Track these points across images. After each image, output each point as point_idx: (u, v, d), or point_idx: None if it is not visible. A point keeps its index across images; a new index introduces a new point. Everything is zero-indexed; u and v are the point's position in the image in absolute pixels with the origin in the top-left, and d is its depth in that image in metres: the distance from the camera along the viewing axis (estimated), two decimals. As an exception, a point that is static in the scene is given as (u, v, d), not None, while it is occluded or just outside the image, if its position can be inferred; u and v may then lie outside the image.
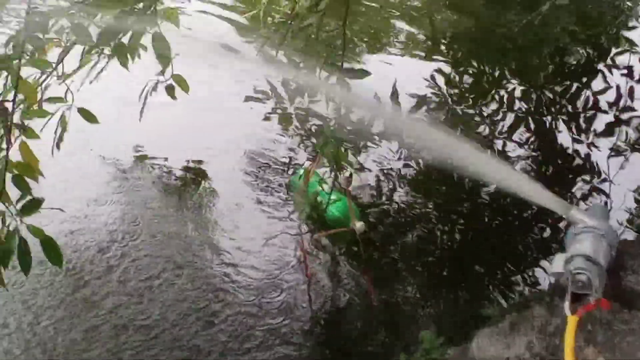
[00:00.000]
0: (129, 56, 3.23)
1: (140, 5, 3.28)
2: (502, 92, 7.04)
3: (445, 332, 3.90)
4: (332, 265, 4.97)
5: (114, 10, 3.08)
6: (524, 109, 6.71)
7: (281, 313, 4.57)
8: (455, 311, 4.56)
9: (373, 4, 8.71)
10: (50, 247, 2.60)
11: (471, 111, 6.80)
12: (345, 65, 3.52)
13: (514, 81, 7.15)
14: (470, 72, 7.58)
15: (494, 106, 6.85)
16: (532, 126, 6.43)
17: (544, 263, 4.60)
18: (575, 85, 6.94)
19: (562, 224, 4.94)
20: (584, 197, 5.38)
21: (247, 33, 8.13)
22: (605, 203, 4.56)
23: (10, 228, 2.62)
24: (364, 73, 3.43)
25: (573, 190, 5.52)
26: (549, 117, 6.54)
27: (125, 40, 3.15)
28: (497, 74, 7.45)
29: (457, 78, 7.40)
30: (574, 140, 6.16)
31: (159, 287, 4.80)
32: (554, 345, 2.98)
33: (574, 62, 7.20)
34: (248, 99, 6.97)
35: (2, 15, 2.75)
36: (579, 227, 3.04)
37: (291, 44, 3.85)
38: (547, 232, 5.14)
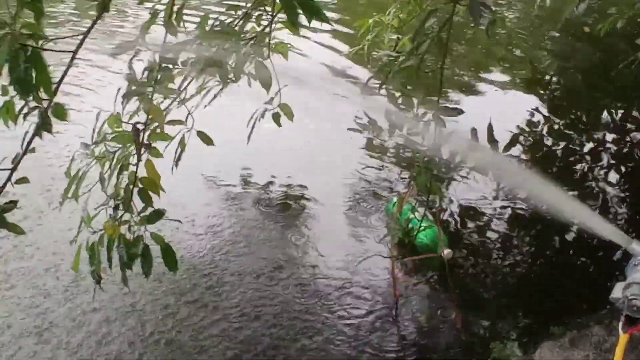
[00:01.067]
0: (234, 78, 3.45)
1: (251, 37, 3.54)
2: (597, 134, 7.00)
3: (513, 345, 4.05)
4: (419, 288, 5.09)
5: (227, 42, 3.33)
6: (614, 151, 6.66)
7: (369, 328, 4.73)
8: (523, 327, 4.65)
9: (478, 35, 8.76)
10: (168, 253, 2.81)
11: (563, 150, 6.82)
12: (445, 100, 3.65)
13: (609, 123, 7.10)
14: (567, 111, 7.54)
15: (586, 146, 6.82)
16: (624, 168, 6.37)
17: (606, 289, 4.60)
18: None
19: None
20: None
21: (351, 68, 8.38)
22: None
23: (134, 235, 2.83)
24: (458, 112, 3.56)
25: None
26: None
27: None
28: (593, 114, 7.38)
29: (553, 117, 7.38)
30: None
31: (257, 298, 5.05)
32: (608, 360, 3.10)
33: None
34: (349, 129, 7.19)
35: (140, 49, 2.99)
36: (639, 259, 3.19)
37: (393, 80, 4.01)
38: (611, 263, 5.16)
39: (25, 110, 2.44)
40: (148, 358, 4.51)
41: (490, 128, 6.68)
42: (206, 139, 3.38)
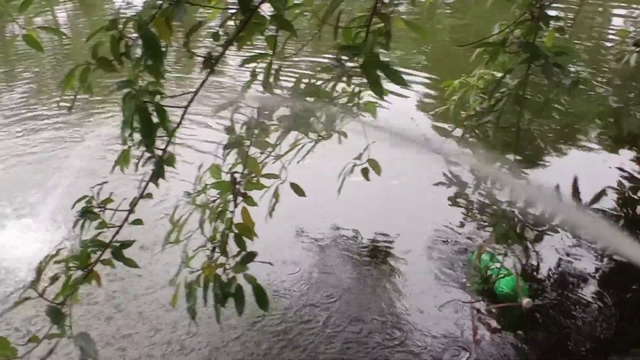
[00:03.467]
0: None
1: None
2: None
3: None
4: (498, 334, 5.09)
5: (321, 102, 3.51)
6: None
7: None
8: (583, 353, 4.81)
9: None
10: (260, 293, 2.88)
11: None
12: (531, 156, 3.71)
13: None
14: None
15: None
16: None
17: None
18: None
19: None
20: None
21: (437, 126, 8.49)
22: None
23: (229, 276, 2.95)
24: (533, 164, 3.63)
25: None
26: None
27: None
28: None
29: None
30: None
31: (336, 334, 5.23)
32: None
33: None
34: (437, 184, 7.28)
35: (239, 106, 3.20)
36: None
37: (474, 137, 4.13)
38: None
39: (142, 159, 2.66)
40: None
41: (575, 183, 6.64)
42: (298, 191, 3.54)
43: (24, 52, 14.87)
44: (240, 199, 3.13)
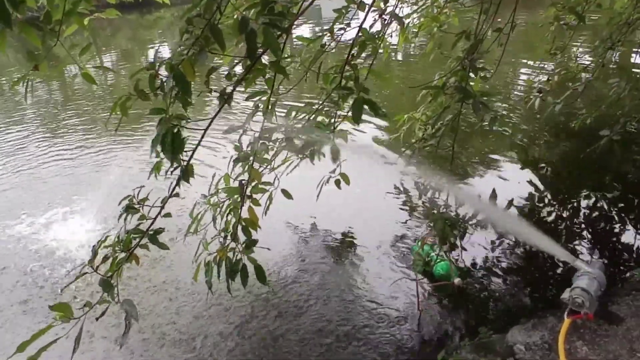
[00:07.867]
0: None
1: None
2: (574, 199, 6.96)
3: (494, 328, 4.13)
4: (436, 304, 5.12)
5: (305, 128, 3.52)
6: (589, 214, 6.59)
7: (399, 331, 4.81)
8: (502, 319, 4.76)
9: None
10: (260, 271, 2.92)
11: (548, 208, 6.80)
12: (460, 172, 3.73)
13: (584, 191, 7.05)
14: (551, 183, 7.51)
15: (567, 207, 6.78)
16: (595, 223, 6.32)
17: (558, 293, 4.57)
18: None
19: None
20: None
21: (392, 149, 8.53)
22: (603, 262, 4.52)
23: (236, 257, 2.98)
24: (464, 177, 3.65)
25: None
26: (610, 217, 6.42)
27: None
28: (573, 185, 7.35)
29: (542, 187, 7.36)
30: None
31: (315, 302, 5.25)
32: (557, 338, 3.36)
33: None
34: (389, 192, 7.31)
35: (246, 129, 3.19)
36: (581, 272, 3.57)
37: (419, 157, 4.16)
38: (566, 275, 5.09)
39: (172, 168, 2.65)
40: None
41: (493, 192, 6.72)
42: (287, 195, 3.54)
43: (78, 87, 15.01)
44: (247, 200, 3.14)
